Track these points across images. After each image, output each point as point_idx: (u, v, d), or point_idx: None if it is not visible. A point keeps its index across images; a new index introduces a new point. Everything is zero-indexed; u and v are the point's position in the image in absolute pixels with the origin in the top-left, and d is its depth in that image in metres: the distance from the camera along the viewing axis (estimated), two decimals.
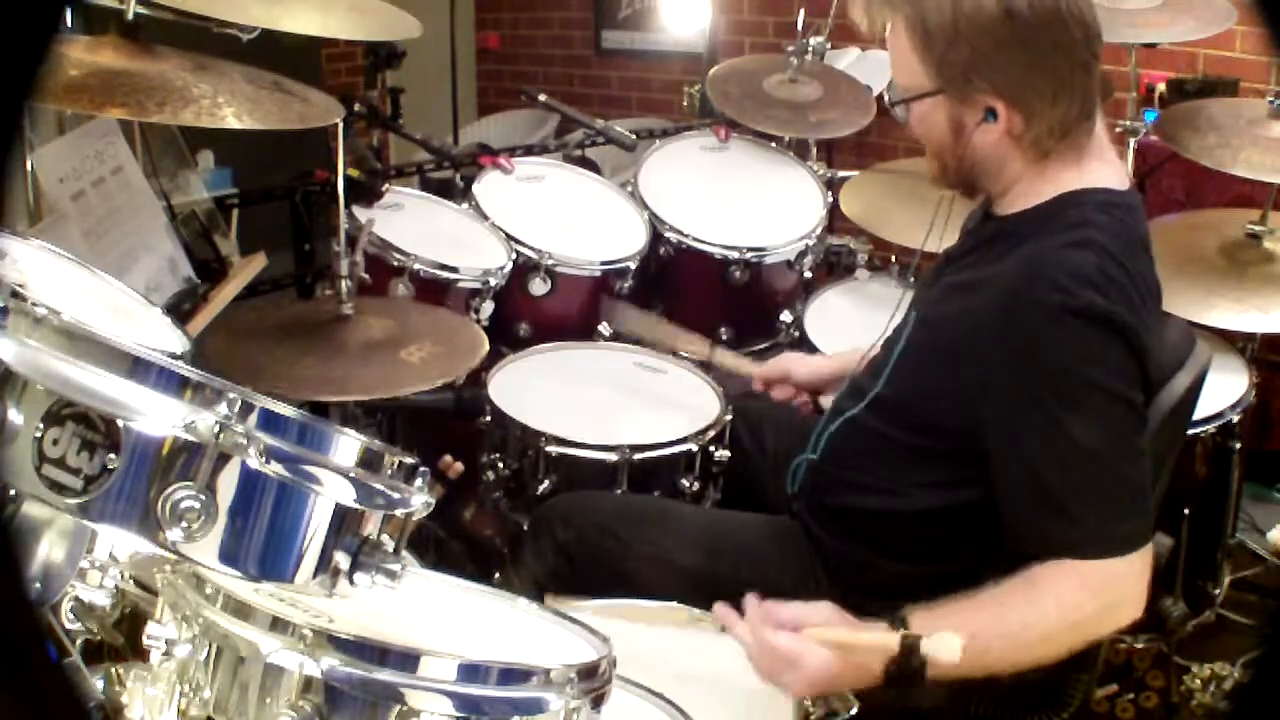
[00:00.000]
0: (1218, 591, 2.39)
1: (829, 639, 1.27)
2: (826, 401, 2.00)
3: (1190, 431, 2.18)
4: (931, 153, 1.50)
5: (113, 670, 1.00)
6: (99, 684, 1.00)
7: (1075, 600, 1.29)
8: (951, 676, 1.27)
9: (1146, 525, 1.34)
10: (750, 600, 1.34)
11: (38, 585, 1.01)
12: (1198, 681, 2.23)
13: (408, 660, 0.88)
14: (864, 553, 1.55)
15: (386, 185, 2.15)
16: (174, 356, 1.20)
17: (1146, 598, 1.32)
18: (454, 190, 2.81)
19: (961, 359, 1.42)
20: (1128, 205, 1.43)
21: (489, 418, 2.06)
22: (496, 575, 2.08)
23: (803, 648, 1.27)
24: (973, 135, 1.42)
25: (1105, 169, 1.44)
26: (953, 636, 1.16)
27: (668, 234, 2.57)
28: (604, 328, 2.49)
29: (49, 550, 1.02)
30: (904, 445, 1.50)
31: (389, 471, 0.95)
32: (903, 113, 1.49)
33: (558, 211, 2.63)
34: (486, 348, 1.92)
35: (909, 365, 1.53)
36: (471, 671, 0.89)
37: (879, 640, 1.23)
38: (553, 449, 1.94)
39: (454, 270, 2.27)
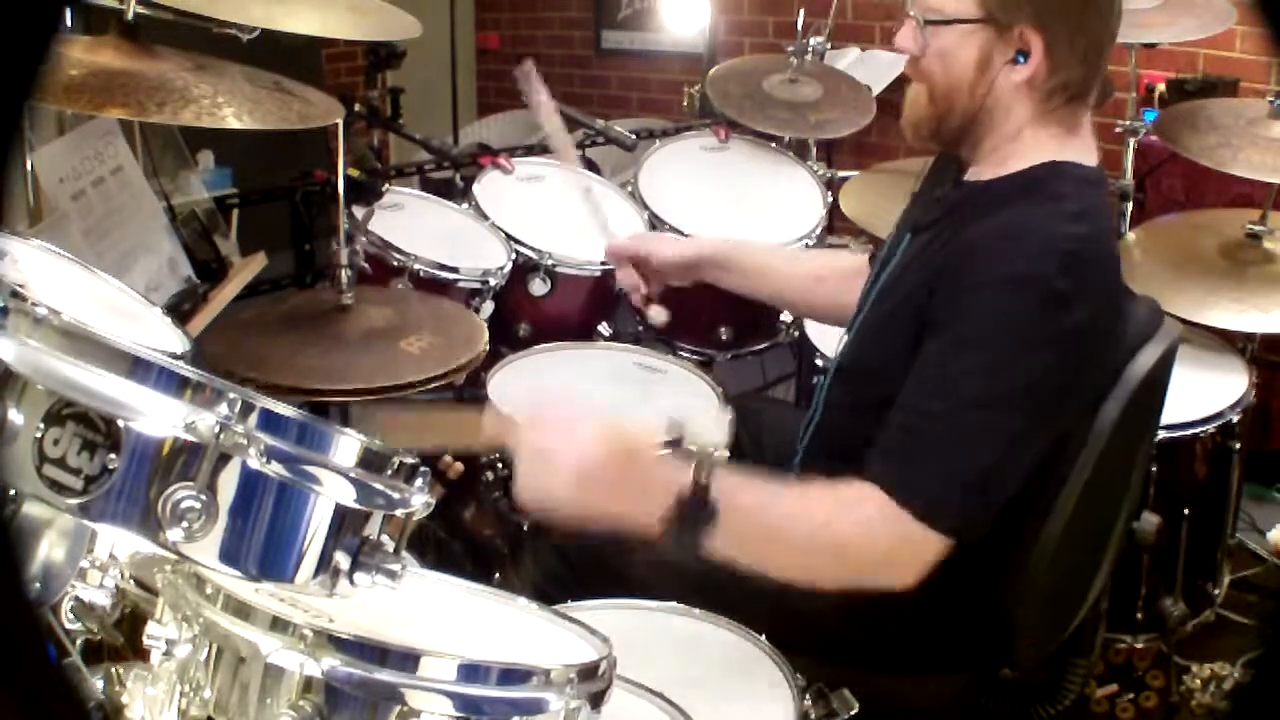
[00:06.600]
0: (1218, 591, 2.39)
1: (618, 436, 1.20)
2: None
3: (1190, 431, 2.18)
4: (937, 94, 1.42)
5: (113, 670, 1.00)
6: (99, 684, 0.99)
7: (870, 530, 1.25)
8: (733, 559, 1.24)
9: (968, 512, 1.28)
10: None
11: (38, 585, 1.01)
12: (1198, 681, 2.23)
13: (408, 660, 0.88)
14: None
15: (386, 185, 2.15)
16: (174, 356, 1.20)
17: (918, 580, 1.26)
18: (454, 190, 2.81)
19: (913, 318, 1.38)
20: (1099, 181, 1.42)
21: None
22: (496, 575, 2.07)
23: (584, 420, 1.21)
24: (997, 75, 1.38)
25: (1084, 148, 1.43)
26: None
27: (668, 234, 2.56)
28: (603, 328, 2.48)
29: (49, 550, 1.02)
30: (868, 426, 1.42)
31: (389, 471, 0.95)
32: (919, 42, 1.40)
33: (558, 211, 2.63)
34: (486, 338, 1.92)
35: (868, 334, 1.52)
36: (471, 671, 0.89)
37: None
38: None
39: (454, 270, 2.27)
